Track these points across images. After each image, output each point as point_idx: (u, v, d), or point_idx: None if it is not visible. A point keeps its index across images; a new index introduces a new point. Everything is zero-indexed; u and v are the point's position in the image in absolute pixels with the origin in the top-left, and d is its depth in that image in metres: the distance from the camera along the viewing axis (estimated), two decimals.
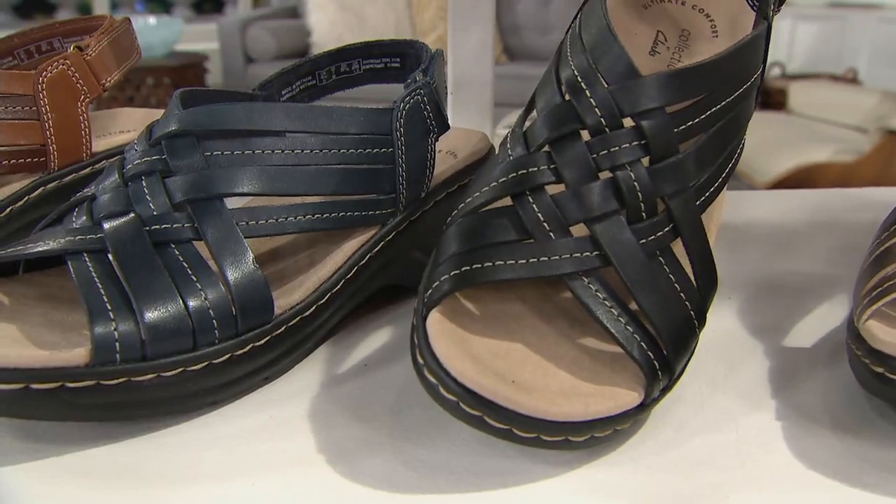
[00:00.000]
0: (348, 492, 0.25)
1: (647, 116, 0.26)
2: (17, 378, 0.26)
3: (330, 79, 0.40)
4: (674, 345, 0.26)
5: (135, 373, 0.27)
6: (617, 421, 0.25)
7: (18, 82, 0.38)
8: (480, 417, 0.24)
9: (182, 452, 0.27)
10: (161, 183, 0.30)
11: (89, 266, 0.28)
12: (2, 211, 0.38)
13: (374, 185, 0.33)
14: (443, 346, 0.25)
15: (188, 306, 0.28)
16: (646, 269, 0.26)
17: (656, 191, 0.26)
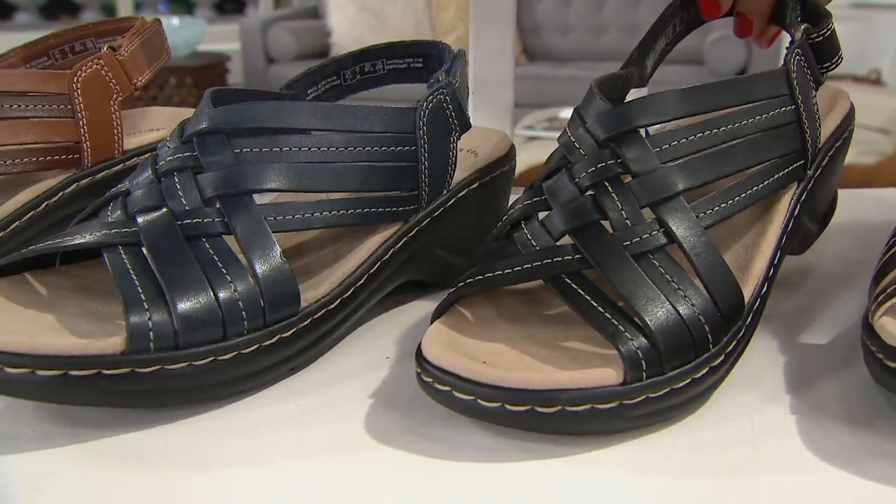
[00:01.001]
0: (370, 476, 0.26)
1: (619, 139, 0.30)
2: (56, 365, 0.27)
3: (354, 79, 0.41)
4: (663, 337, 0.26)
5: (168, 361, 0.28)
6: (591, 396, 0.26)
7: (54, 81, 0.39)
8: (448, 392, 0.26)
9: (212, 438, 0.28)
10: (192, 179, 0.31)
11: (124, 258, 0.29)
12: (38, 206, 0.40)
13: (397, 182, 0.34)
14: (429, 343, 0.28)
15: (219, 298, 0.29)
16: (626, 265, 0.28)
17: (635, 200, 0.29)
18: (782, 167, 0.32)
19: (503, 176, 0.42)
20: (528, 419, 0.26)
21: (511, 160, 0.42)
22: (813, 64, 0.33)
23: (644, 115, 0.30)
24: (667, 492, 0.25)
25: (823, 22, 0.34)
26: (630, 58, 0.36)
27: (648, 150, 0.29)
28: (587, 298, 0.28)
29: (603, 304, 0.28)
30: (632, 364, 0.26)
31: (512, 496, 0.25)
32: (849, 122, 0.39)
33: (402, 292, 0.38)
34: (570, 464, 0.26)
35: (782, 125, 0.32)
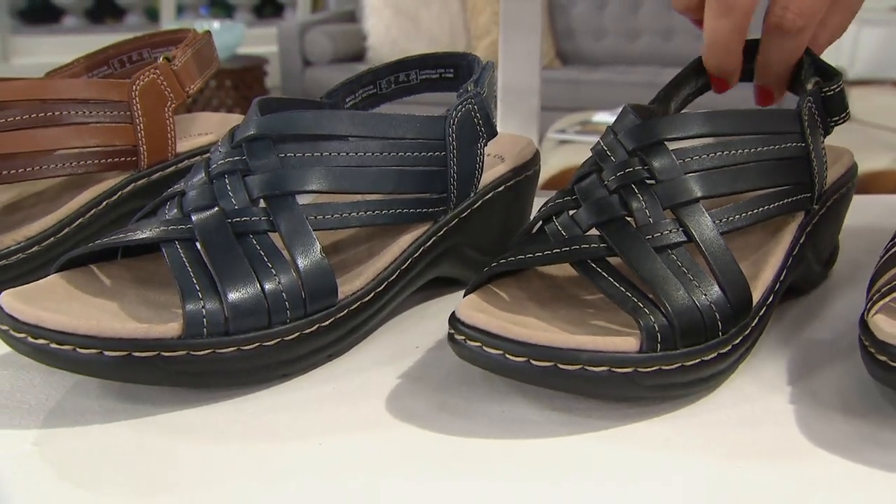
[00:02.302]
0: (403, 451, 0.29)
1: (647, 149, 0.33)
2: (122, 347, 0.30)
3: (389, 88, 0.44)
4: (678, 317, 0.29)
5: (219, 345, 0.31)
6: (609, 359, 0.28)
7: (115, 90, 0.43)
8: (478, 347, 0.29)
9: (258, 415, 0.31)
10: (242, 181, 0.34)
11: (180, 252, 0.32)
12: (99, 204, 0.43)
13: (427, 185, 0.37)
14: (462, 307, 0.31)
15: (264, 289, 0.32)
16: (648, 254, 0.31)
17: (658, 201, 0.32)
18: (791, 194, 0.35)
19: (527, 180, 0.44)
20: (551, 376, 0.29)
21: (535, 165, 0.45)
22: (822, 114, 0.36)
23: (670, 130, 0.33)
24: (673, 466, 0.27)
25: (834, 79, 0.37)
26: (657, 96, 0.39)
27: (673, 160, 0.32)
28: (610, 280, 0.31)
29: (625, 285, 0.31)
30: (648, 335, 0.29)
31: (534, 464, 0.28)
32: (851, 176, 0.42)
33: (431, 288, 0.41)
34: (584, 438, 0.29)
35: (793, 158, 0.35)
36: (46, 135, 0.41)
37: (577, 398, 0.31)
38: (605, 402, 0.31)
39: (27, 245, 0.40)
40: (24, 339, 0.30)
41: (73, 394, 0.32)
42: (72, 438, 0.29)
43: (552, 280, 0.36)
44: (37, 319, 0.30)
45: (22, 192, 0.44)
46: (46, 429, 0.30)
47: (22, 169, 0.40)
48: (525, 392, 0.32)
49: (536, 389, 0.32)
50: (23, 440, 0.29)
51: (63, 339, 0.29)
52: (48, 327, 0.29)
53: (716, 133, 0.34)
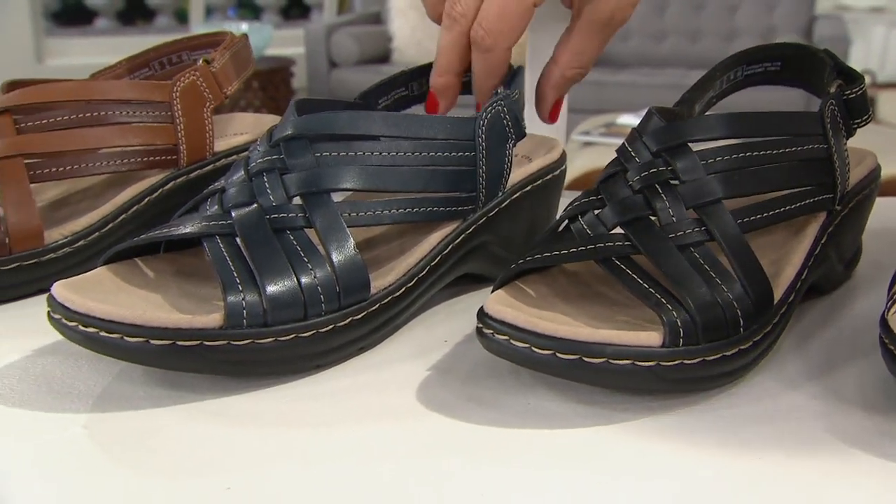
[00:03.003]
0: (433, 439, 0.30)
1: (671, 150, 0.34)
2: (167, 336, 0.31)
3: (421, 89, 0.45)
4: (700, 313, 0.30)
5: (258, 336, 0.32)
6: (632, 353, 0.29)
7: (157, 91, 0.44)
8: (505, 341, 0.30)
9: (294, 402, 0.32)
10: (279, 179, 0.35)
11: (221, 247, 0.34)
12: (140, 201, 0.45)
13: (457, 184, 0.38)
14: (490, 302, 0.32)
15: (301, 283, 0.33)
16: (671, 252, 0.31)
17: (682, 201, 0.33)
18: (813, 195, 0.36)
19: (554, 180, 0.45)
20: (576, 368, 0.30)
21: (562, 166, 0.46)
22: (845, 115, 0.37)
23: (694, 132, 0.34)
24: (694, 459, 0.28)
25: (856, 82, 0.38)
26: (682, 98, 0.40)
27: (696, 160, 0.33)
28: (634, 277, 0.32)
29: (648, 282, 0.31)
30: (671, 330, 0.30)
31: (559, 454, 0.29)
32: (874, 177, 0.42)
33: (458, 285, 0.42)
34: (607, 429, 0.30)
35: (815, 159, 0.35)
36: (92, 134, 0.43)
37: (601, 391, 0.32)
38: (628, 395, 0.32)
39: (74, 239, 0.42)
40: (75, 328, 0.31)
41: (119, 380, 0.34)
42: (118, 422, 0.31)
43: (577, 277, 0.37)
44: (87, 309, 0.31)
45: (68, 189, 0.46)
46: (94, 413, 0.31)
47: (69, 167, 0.42)
48: (550, 384, 0.33)
49: (561, 382, 0.33)
50: (73, 423, 0.31)
51: (111, 328, 0.31)
52: (97, 316, 0.31)
53: (739, 135, 0.35)
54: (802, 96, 2.35)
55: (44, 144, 0.42)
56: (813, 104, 2.71)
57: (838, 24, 2.82)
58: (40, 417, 0.31)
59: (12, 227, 0.40)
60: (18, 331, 0.38)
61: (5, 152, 0.41)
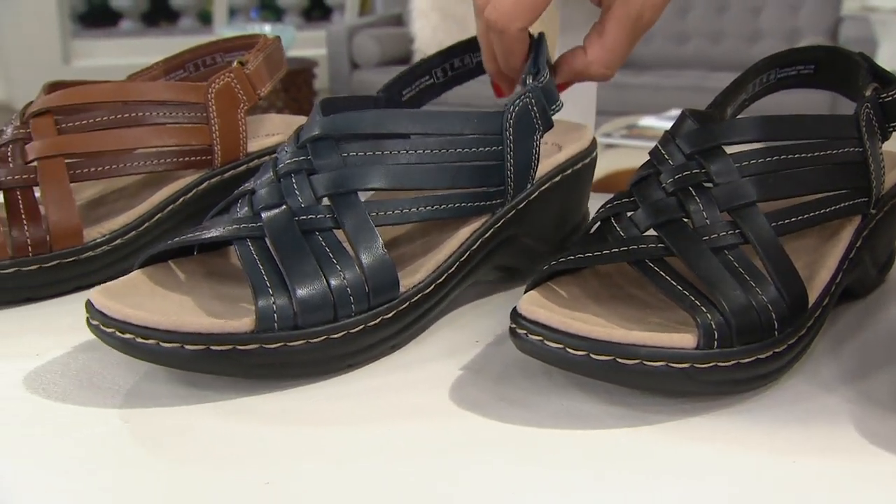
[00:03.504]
0: (465, 437, 0.30)
1: (704, 153, 0.34)
2: (200, 341, 0.32)
3: (445, 76, 0.45)
4: (735, 316, 0.30)
5: (289, 339, 0.33)
6: (667, 354, 0.30)
7: (193, 92, 0.45)
8: (540, 342, 0.30)
9: (325, 401, 0.33)
10: (307, 180, 0.35)
11: (251, 250, 0.34)
12: (175, 200, 0.45)
13: (485, 178, 0.38)
14: (523, 303, 0.32)
15: (330, 285, 0.33)
16: (705, 254, 0.32)
17: (716, 204, 0.33)
18: (848, 198, 0.35)
19: (584, 168, 0.45)
20: (610, 370, 0.30)
21: (592, 153, 0.45)
22: (881, 118, 0.37)
23: (727, 135, 0.34)
24: (727, 462, 0.28)
25: (892, 85, 0.38)
26: (714, 101, 0.40)
27: (730, 163, 0.33)
28: (668, 279, 0.32)
29: (682, 284, 0.32)
30: (706, 332, 0.30)
31: (592, 455, 0.29)
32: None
33: (488, 284, 0.42)
34: (640, 431, 0.30)
35: (850, 162, 0.35)
36: (130, 134, 0.44)
37: (634, 393, 0.32)
38: (660, 398, 0.32)
39: (111, 238, 0.43)
40: (113, 334, 0.32)
41: (153, 378, 0.34)
42: (154, 417, 0.31)
43: (609, 279, 0.37)
44: (123, 315, 0.32)
45: (105, 189, 0.47)
46: (133, 408, 0.32)
47: (107, 166, 0.43)
48: (583, 385, 0.33)
49: (594, 383, 0.33)
50: (111, 417, 0.31)
51: (147, 334, 0.31)
52: (134, 323, 0.32)
53: (773, 138, 0.35)
54: (827, 99, 2.33)
55: (83, 144, 0.42)
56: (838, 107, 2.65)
57: (865, 26, 2.79)
58: (80, 412, 0.32)
59: (53, 226, 0.41)
60: (59, 328, 0.39)
61: (47, 152, 0.41)
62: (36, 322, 0.39)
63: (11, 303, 0.41)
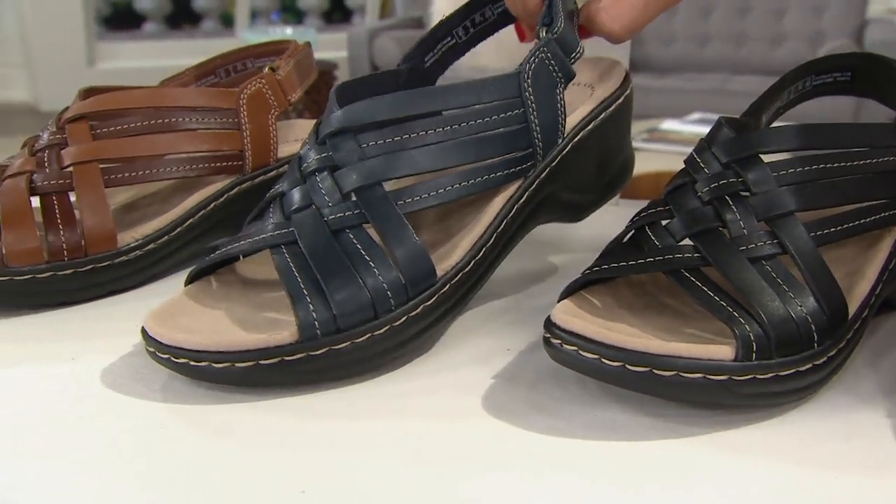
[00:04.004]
0: (495, 445, 0.30)
1: (741, 162, 0.34)
2: (250, 358, 0.32)
3: (467, 33, 0.43)
4: (774, 327, 0.30)
5: (333, 343, 0.33)
6: (704, 366, 0.29)
7: (225, 98, 0.45)
8: (574, 352, 0.30)
9: (359, 402, 0.33)
10: (331, 177, 0.35)
11: (286, 257, 0.34)
12: (207, 206, 0.46)
13: (511, 145, 0.37)
14: (558, 312, 0.32)
15: (367, 284, 0.33)
16: (742, 265, 0.31)
17: (753, 213, 0.32)
18: (888, 208, 0.35)
19: (621, 108, 0.43)
20: (646, 381, 0.30)
21: (627, 87, 0.43)
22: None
23: (765, 143, 0.34)
24: (764, 476, 0.28)
25: None
26: (750, 108, 0.39)
27: (768, 172, 0.33)
28: (705, 290, 0.32)
29: (719, 295, 0.31)
30: (744, 344, 0.30)
31: (626, 466, 0.29)
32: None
33: (522, 290, 0.42)
34: (676, 443, 0.30)
35: (890, 171, 0.35)
36: (163, 140, 0.44)
37: (668, 404, 0.32)
38: (695, 409, 0.32)
39: (144, 243, 0.43)
40: (169, 360, 0.33)
41: (186, 381, 0.34)
42: (190, 420, 0.32)
43: (642, 288, 0.37)
44: (176, 342, 0.32)
45: (137, 193, 0.48)
46: (167, 412, 0.32)
47: (141, 171, 0.43)
48: (617, 396, 0.33)
49: (628, 393, 0.33)
50: (149, 420, 0.32)
51: (199, 357, 0.32)
52: (186, 348, 0.32)
53: (811, 146, 0.35)
54: (851, 104, 2.31)
55: (118, 150, 0.43)
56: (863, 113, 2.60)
57: (890, 29, 2.75)
58: (117, 416, 0.32)
59: (88, 230, 0.41)
60: (94, 331, 0.39)
61: (82, 157, 0.42)
62: (71, 326, 0.40)
63: (47, 306, 0.41)
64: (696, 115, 2.36)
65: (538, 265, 0.47)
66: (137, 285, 0.44)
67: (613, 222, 0.56)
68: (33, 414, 0.32)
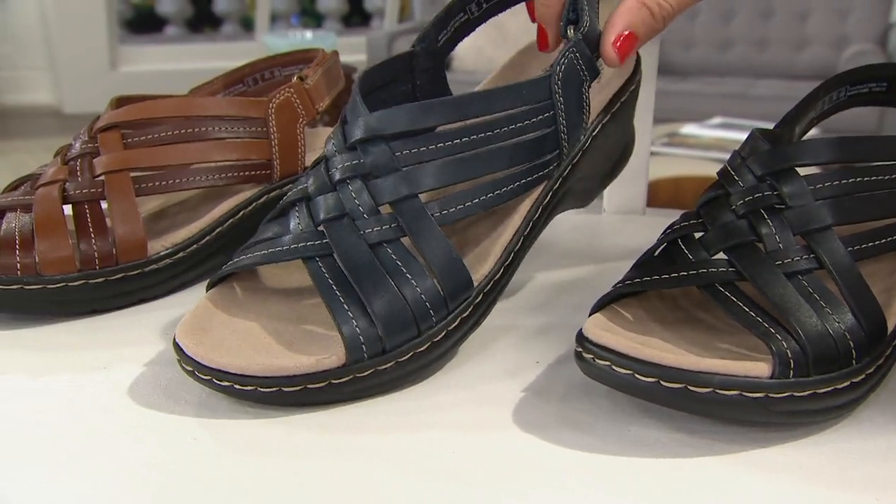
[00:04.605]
0: (526, 458, 0.30)
1: (777, 175, 0.33)
2: (297, 383, 0.32)
3: (480, 8, 0.43)
4: (811, 344, 0.29)
5: (379, 364, 0.33)
6: (741, 383, 0.29)
7: (254, 107, 0.46)
8: (607, 367, 0.30)
9: (391, 416, 0.33)
10: (365, 187, 0.34)
11: (322, 270, 0.34)
12: (235, 214, 0.46)
13: (542, 148, 0.37)
14: (590, 326, 0.32)
15: (408, 301, 0.33)
16: (778, 279, 0.31)
17: (789, 227, 0.32)
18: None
19: (631, 97, 0.43)
20: (681, 397, 0.29)
21: (637, 77, 0.43)
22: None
23: (801, 156, 0.33)
24: (803, 496, 0.28)
25: None
26: (784, 119, 0.39)
27: (804, 186, 0.33)
28: (740, 304, 0.31)
29: (755, 310, 0.31)
30: (781, 361, 0.29)
31: (660, 484, 0.28)
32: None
33: (550, 304, 0.42)
34: (710, 460, 0.29)
35: None
36: (192, 149, 0.44)
37: (701, 420, 0.32)
38: (729, 426, 0.31)
39: (174, 251, 0.43)
40: (210, 381, 0.32)
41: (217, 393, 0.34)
42: (221, 432, 0.32)
43: (674, 301, 0.36)
44: (219, 365, 0.32)
45: (166, 201, 0.48)
46: (199, 425, 0.32)
47: (171, 180, 0.44)
48: (649, 411, 0.33)
49: (659, 409, 0.32)
50: (181, 431, 0.32)
51: (244, 382, 0.32)
52: (231, 372, 0.32)
53: (849, 159, 0.34)
54: (874, 116, 2.28)
55: (149, 159, 0.43)
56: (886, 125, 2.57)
57: None
58: (149, 425, 0.32)
59: (120, 239, 0.41)
60: (125, 340, 0.39)
61: (114, 166, 0.42)
62: (102, 335, 0.40)
63: (78, 314, 0.41)
64: (718, 120, 2.34)
65: (564, 276, 0.47)
66: (166, 293, 0.44)
67: (638, 231, 0.56)
68: (65, 423, 0.32)
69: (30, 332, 0.40)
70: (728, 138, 2.08)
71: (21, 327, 0.41)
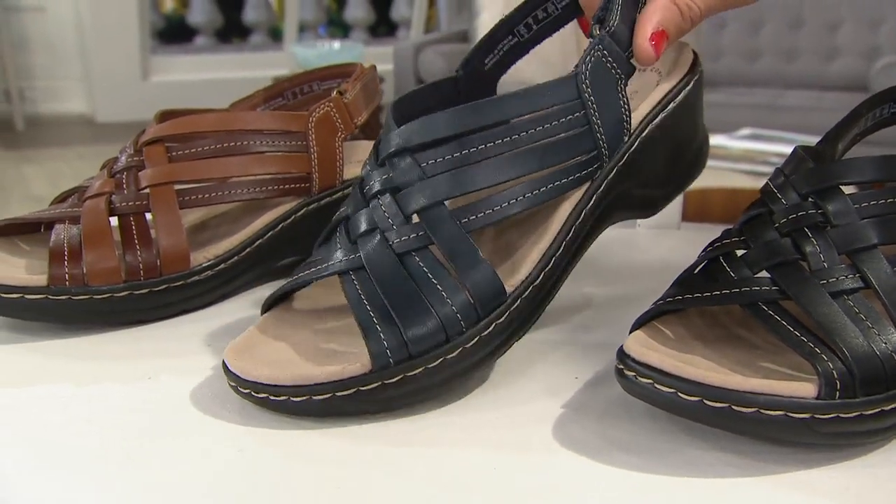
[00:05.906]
0: (567, 476, 0.30)
1: (821, 193, 0.33)
2: (326, 390, 0.32)
3: (530, 31, 0.42)
4: (858, 364, 0.29)
5: (407, 370, 0.33)
6: (787, 404, 0.29)
7: (294, 122, 0.46)
8: (650, 385, 0.30)
9: (426, 431, 0.33)
10: (393, 200, 0.34)
11: (355, 284, 0.34)
12: (275, 227, 0.46)
13: (575, 149, 0.36)
14: (631, 344, 0.32)
15: (436, 309, 0.33)
16: (823, 299, 0.31)
17: (834, 246, 0.32)
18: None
19: (692, 93, 0.41)
20: (725, 417, 0.29)
21: (697, 71, 0.42)
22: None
23: (845, 174, 0.33)
24: None
25: None
26: (826, 136, 0.39)
27: (849, 204, 0.33)
28: (784, 324, 0.31)
29: (799, 329, 0.31)
30: (828, 382, 0.29)
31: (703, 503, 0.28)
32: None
33: (588, 321, 0.42)
34: (757, 481, 0.29)
35: None
36: (234, 162, 0.45)
37: (743, 439, 0.32)
38: (773, 446, 0.31)
39: (215, 263, 0.44)
40: (249, 394, 0.33)
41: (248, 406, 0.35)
42: (264, 444, 0.32)
43: (714, 319, 0.36)
44: (255, 378, 0.33)
45: (208, 214, 0.49)
46: (242, 436, 0.33)
47: (213, 193, 0.44)
48: (690, 429, 0.32)
49: (702, 428, 0.32)
50: (224, 443, 0.32)
51: (278, 392, 0.33)
52: (265, 383, 0.33)
53: (893, 177, 0.34)
54: None
55: (192, 172, 0.44)
56: None
57: None
58: (193, 437, 0.33)
59: (164, 251, 0.42)
60: (167, 351, 0.40)
61: (159, 179, 0.43)
62: (145, 345, 0.41)
63: (122, 324, 0.42)
64: (746, 131, 2.32)
65: (600, 291, 0.47)
66: (207, 304, 0.45)
67: (675, 247, 0.55)
68: (112, 432, 0.33)
69: (77, 341, 0.41)
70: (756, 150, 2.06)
71: (68, 337, 0.41)
